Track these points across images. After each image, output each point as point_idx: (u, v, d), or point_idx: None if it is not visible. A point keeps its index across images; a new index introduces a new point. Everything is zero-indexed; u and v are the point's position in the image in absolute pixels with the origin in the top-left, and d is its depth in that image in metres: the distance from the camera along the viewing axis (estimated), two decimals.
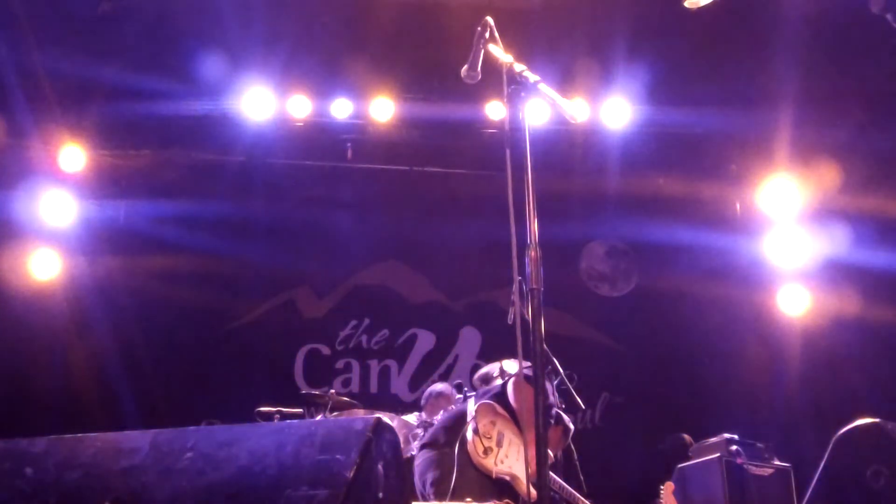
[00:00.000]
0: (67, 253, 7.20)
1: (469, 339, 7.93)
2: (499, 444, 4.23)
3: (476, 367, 6.13)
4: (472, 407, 4.32)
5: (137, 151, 7.34)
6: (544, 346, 2.62)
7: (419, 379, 7.77)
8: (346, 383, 7.78)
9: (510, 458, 4.22)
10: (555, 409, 4.35)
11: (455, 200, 7.73)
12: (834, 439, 3.26)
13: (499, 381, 4.59)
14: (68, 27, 6.26)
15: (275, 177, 7.70)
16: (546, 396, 2.91)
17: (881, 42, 5.74)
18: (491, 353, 5.81)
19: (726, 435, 5.55)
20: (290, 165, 7.72)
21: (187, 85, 6.84)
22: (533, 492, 4.13)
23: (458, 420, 4.37)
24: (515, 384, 4.29)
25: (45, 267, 7.06)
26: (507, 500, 4.07)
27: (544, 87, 2.92)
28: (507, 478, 4.18)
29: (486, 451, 4.17)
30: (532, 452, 3.33)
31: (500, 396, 4.36)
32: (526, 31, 6.17)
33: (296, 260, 7.83)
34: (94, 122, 6.96)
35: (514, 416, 4.30)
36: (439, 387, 6.28)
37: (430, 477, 4.19)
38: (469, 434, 4.17)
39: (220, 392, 7.18)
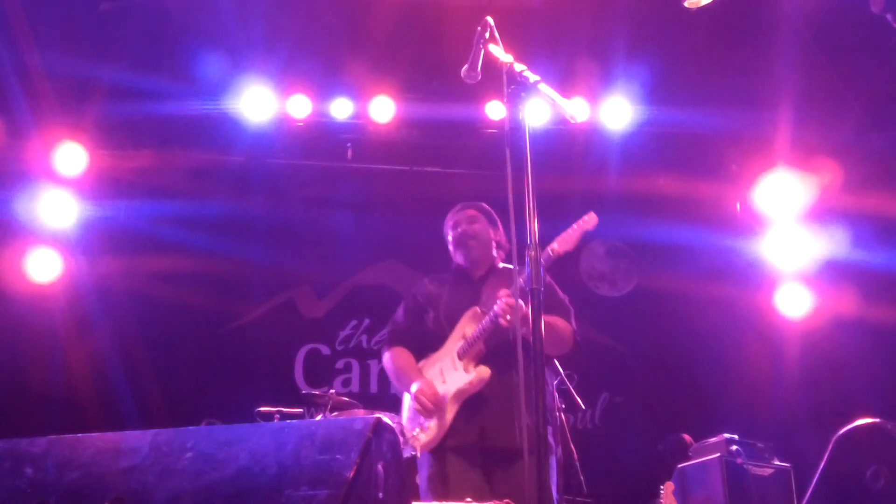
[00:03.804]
0: (67, 253, 7.20)
1: None
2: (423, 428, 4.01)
3: None
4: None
5: (137, 151, 7.33)
6: (545, 346, 2.61)
7: None
8: (346, 383, 7.78)
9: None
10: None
11: (455, 200, 7.70)
12: (834, 439, 3.25)
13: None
14: (68, 27, 6.26)
15: (275, 177, 7.70)
16: (545, 399, 2.85)
17: (881, 42, 5.73)
18: None
19: (726, 435, 5.54)
20: (290, 165, 7.71)
21: (187, 85, 6.84)
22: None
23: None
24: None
25: (44, 268, 7.06)
26: (507, 501, 4.06)
27: (544, 87, 2.92)
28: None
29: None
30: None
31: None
32: (526, 31, 6.17)
33: (296, 260, 7.83)
34: (94, 122, 6.95)
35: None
36: None
37: None
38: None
39: (220, 392, 7.17)
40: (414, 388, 4.00)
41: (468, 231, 4.29)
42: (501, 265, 4.34)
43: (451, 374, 3.97)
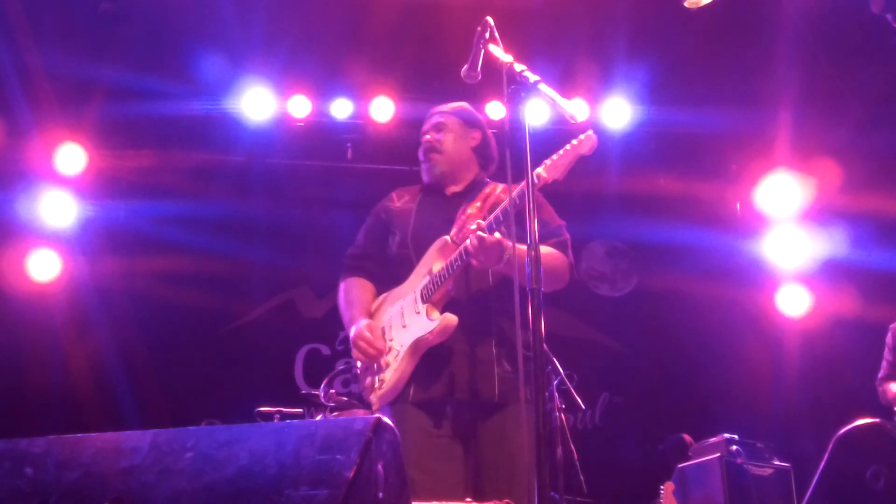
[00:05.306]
0: (67, 254, 7.20)
1: None
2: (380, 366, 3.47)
3: None
4: None
5: (137, 151, 7.33)
6: (544, 346, 2.60)
7: None
8: (346, 383, 7.77)
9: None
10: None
11: None
12: (834, 439, 3.26)
13: None
14: (68, 27, 6.26)
15: (275, 177, 7.70)
16: (545, 399, 2.80)
17: (881, 42, 5.74)
18: None
19: (726, 435, 5.55)
20: (290, 165, 7.71)
21: (187, 85, 6.84)
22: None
23: None
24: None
25: (44, 268, 7.06)
26: (507, 500, 4.06)
27: (544, 87, 2.92)
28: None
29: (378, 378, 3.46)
30: None
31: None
32: (526, 31, 6.17)
33: (296, 260, 7.82)
34: (94, 122, 6.95)
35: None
36: None
37: None
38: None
39: (220, 392, 7.17)
40: (352, 332, 3.44)
41: (431, 143, 3.72)
42: (488, 181, 3.70)
43: (412, 317, 3.36)
